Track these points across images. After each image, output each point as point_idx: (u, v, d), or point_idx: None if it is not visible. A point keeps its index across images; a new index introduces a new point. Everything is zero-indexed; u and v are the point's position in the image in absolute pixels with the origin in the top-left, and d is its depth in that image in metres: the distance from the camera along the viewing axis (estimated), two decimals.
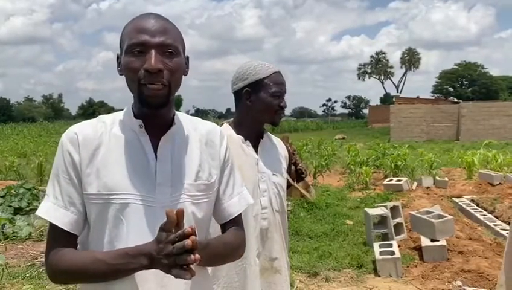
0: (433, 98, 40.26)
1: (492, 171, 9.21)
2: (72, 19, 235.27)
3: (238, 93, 1.79)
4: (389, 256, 4.41)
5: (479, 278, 4.10)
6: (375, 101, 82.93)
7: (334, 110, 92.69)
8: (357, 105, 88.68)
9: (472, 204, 7.33)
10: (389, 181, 8.72)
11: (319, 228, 6.16)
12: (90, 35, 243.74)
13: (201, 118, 1.37)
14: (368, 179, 9.23)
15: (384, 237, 5.23)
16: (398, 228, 5.40)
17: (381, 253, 4.48)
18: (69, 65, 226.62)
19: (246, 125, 1.79)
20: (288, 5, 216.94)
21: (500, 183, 8.46)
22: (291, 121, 54.31)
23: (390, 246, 4.64)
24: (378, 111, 43.72)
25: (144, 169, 1.15)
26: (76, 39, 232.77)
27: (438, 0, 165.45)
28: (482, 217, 6.46)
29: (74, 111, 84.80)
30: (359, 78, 63.94)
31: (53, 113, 75.85)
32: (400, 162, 10.27)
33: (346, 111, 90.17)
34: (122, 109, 1.25)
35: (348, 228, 6.20)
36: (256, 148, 1.78)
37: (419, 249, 4.79)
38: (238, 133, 1.77)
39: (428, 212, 5.11)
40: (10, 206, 6.71)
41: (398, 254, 4.45)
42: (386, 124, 30.12)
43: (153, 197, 1.13)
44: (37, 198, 7.34)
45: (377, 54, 63.40)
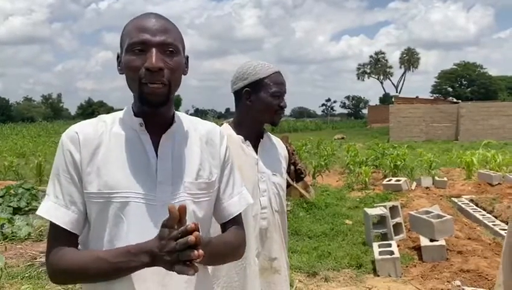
0: (432, 98, 40.32)
1: (491, 171, 9.22)
2: (71, 19, 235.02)
3: (238, 93, 1.79)
4: (388, 256, 4.41)
5: (478, 278, 4.10)
6: (375, 101, 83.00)
7: (334, 110, 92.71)
8: (356, 105, 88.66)
9: (471, 204, 7.34)
10: (388, 181, 8.73)
11: (318, 227, 6.16)
12: (90, 35, 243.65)
13: (201, 118, 1.37)
14: (367, 179, 9.23)
15: (384, 237, 5.24)
16: (397, 228, 5.41)
17: (380, 253, 4.48)
18: (68, 65, 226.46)
19: (245, 125, 1.78)
20: (287, 5, 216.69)
21: (499, 183, 8.47)
22: (290, 121, 54.34)
23: (390, 246, 4.64)
24: (378, 111, 43.74)
25: (145, 167, 1.15)
26: (75, 39, 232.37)
27: (437, 0, 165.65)
28: (481, 217, 6.47)
29: (73, 111, 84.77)
30: (358, 78, 64.14)
31: (52, 113, 75.77)
32: (399, 162, 10.28)
33: (346, 111, 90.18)
34: (121, 108, 1.25)
35: (347, 227, 6.21)
36: (256, 148, 1.78)
37: (418, 249, 4.79)
38: (238, 133, 1.77)
39: (427, 212, 5.12)
40: (9, 206, 6.71)
41: (397, 253, 4.45)
42: (385, 124, 30.15)
43: (153, 195, 1.13)
44: (36, 198, 7.34)
45: (376, 54, 63.56)
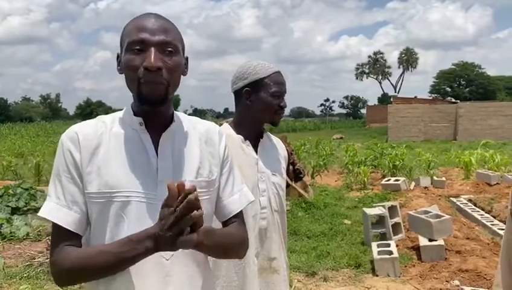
0: (431, 98, 40.36)
1: (490, 171, 9.23)
2: (69, 19, 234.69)
3: (238, 92, 1.79)
4: (387, 256, 4.41)
5: (477, 277, 4.11)
6: (373, 101, 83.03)
7: (332, 110, 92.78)
8: (354, 105, 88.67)
9: (469, 204, 7.35)
10: (387, 181, 8.73)
11: (317, 227, 6.16)
12: (88, 35, 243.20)
13: (200, 118, 1.37)
14: (366, 179, 9.24)
15: (382, 237, 5.24)
16: (396, 228, 5.41)
17: (379, 253, 4.48)
18: (66, 65, 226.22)
19: (245, 125, 1.78)
20: (286, 5, 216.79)
21: (497, 183, 8.47)
22: (289, 121, 54.38)
23: (388, 245, 4.65)
24: (376, 111, 43.75)
25: (145, 166, 1.15)
26: (73, 39, 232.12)
27: (436, 0, 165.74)
28: (479, 217, 6.48)
29: (72, 111, 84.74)
30: (357, 78, 64.14)
31: (51, 113, 75.70)
32: (398, 162, 10.28)
33: (344, 111, 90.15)
34: (120, 108, 1.25)
35: (346, 227, 6.21)
36: (256, 148, 1.78)
37: (417, 249, 4.80)
38: (237, 132, 1.77)
39: (426, 212, 5.12)
40: (8, 206, 6.69)
41: (396, 253, 4.46)
42: (384, 124, 30.18)
43: (154, 194, 1.13)
44: (34, 198, 7.32)
45: (374, 54, 63.62)
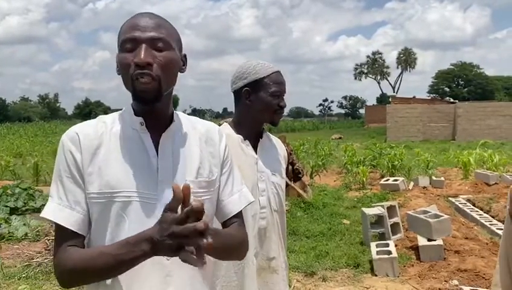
0: (429, 98, 40.42)
1: (488, 171, 9.24)
2: (68, 19, 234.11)
3: (237, 92, 1.78)
4: (386, 256, 4.41)
5: (476, 277, 4.12)
6: (372, 101, 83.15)
7: (331, 110, 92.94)
8: (353, 105, 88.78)
9: (468, 204, 7.36)
10: (385, 181, 8.74)
11: (315, 227, 6.16)
12: (87, 35, 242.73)
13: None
14: (365, 179, 9.24)
15: (381, 237, 5.24)
16: (395, 228, 5.41)
17: (378, 253, 4.48)
18: (65, 65, 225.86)
19: (245, 124, 1.78)
20: (284, 5, 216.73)
21: (496, 183, 8.48)
22: (288, 121, 54.43)
23: (387, 245, 4.65)
24: (375, 111, 43.79)
25: (146, 166, 1.14)
26: (72, 39, 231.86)
27: (434, 0, 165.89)
28: (478, 217, 6.49)
29: (70, 111, 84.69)
30: (355, 78, 64.20)
31: (49, 113, 75.63)
32: (397, 162, 10.29)
33: (343, 111, 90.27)
34: (119, 108, 1.25)
35: (345, 227, 6.21)
36: (255, 148, 1.78)
37: (416, 249, 4.80)
38: (237, 132, 1.76)
39: (424, 212, 5.13)
40: (6, 206, 6.69)
41: (395, 253, 4.46)
42: (383, 124, 30.20)
43: (154, 194, 1.13)
44: (33, 198, 7.32)
45: (373, 54, 63.69)
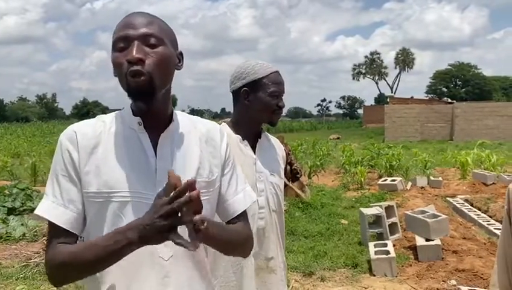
0: (427, 98, 40.44)
1: (486, 171, 9.25)
2: (65, 19, 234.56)
3: (236, 92, 1.78)
4: (384, 256, 4.42)
5: (473, 277, 4.12)
6: (370, 101, 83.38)
7: (329, 111, 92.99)
8: (351, 105, 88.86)
9: (466, 204, 7.37)
10: (383, 181, 8.74)
11: (314, 227, 6.17)
12: (84, 35, 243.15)
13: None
14: (363, 179, 9.25)
15: (379, 237, 5.25)
16: (393, 228, 5.42)
17: (376, 252, 4.49)
18: (62, 65, 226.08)
19: (243, 124, 1.78)
20: (282, 5, 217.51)
21: (493, 183, 8.50)
22: (286, 121, 54.40)
23: (385, 245, 4.66)
24: (373, 111, 43.85)
25: (144, 166, 1.14)
26: (70, 39, 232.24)
27: (432, 1, 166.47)
28: (475, 217, 6.50)
29: (68, 111, 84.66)
30: (354, 79, 64.13)
31: (47, 113, 75.51)
32: (395, 162, 10.31)
33: (341, 111, 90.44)
34: (117, 108, 1.25)
35: (343, 227, 6.22)
36: (254, 148, 1.78)
37: (414, 249, 4.81)
38: (236, 132, 1.76)
39: (422, 212, 5.13)
40: (4, 206, 6.67)
41: (393, 253, 4.47)
42: (381, 124, 30.22)
43: (152, 194, 1.11)
44: (30, 198, 7.30)
45: (371, 54, 63.58)
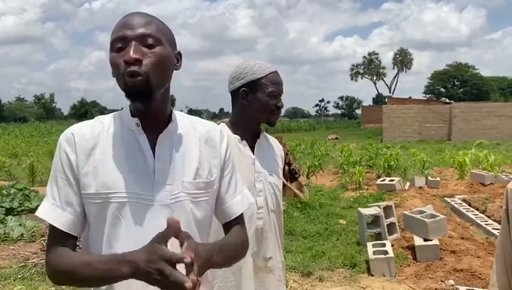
0: (425, 98, 40.56)
1: (484, 171, 9.28)
2: (64, 19, 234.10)
3: (234, 92, 1.78)
4: (382, 256, 4.42)
5: (471, 277, 4.13)
6: (368, 101, 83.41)
7: (327, 111, 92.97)
8: (349, 105, 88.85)
9: (464, 204, 7.39)
10: (381, 181, 8.76)
11: (312, 227, 6.17)
12: (82, 35, 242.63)
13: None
14: (361, 179, 9.26)
15: (378, 237, 5.25)
16: (391, 228, 5.43)
17: (374, 252, 4.49)
18: (60, 65, 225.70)
19: (242, 125, 1.78)
20: (281, 6, 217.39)
21: (491, 183, 8.52)
22: (284, 121, 54.40)
23: (384, 245, 4.66)
24: (371, 111, 43.91)
25: (142, 167, 1.14)
26: (68, 39, 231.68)
27: (430, 1, 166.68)
28: (473, 217, 6.51)
29: (66, 111, 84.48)
30: (352, 79, 64.29)
31: (45, 113, 75.36)
32: (393, 162, 10.32)
33: (339, 111, 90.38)
34: (115, 109, 1.24)
35: (342, 227, 6.22)
36: (252, 148, 1.77)
37: (412, 249, 4.82)
38: (234, 132, 1.76)
39: (421, 212, 5.14)
40: (1, 206, 6.65)
41: (391, 253, 4.47)
42: (379, 125, 30.25)
43: (151, 195, 1.13)
44: (28, 198, 7.28)
45: (369, 54, 63.76)
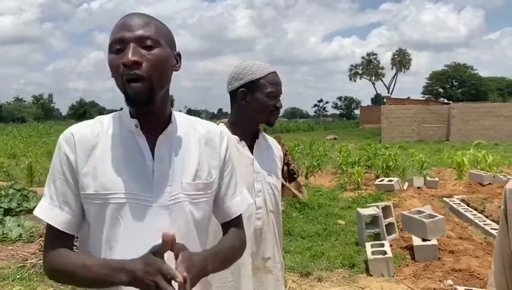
0: (424, 99, 40.61)
1: (482, 171, 9.30)
2: (62, 19, 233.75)
3: (233, 93, 1.78)
4: (381, 256, 4.43)
5: (470, 277, 4.14)
6: (366, 101, 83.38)
7: (326, 111, 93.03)
8: (348, 106, 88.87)
9: (462, 204, 7.40)
10: (380, 181, 8.77)
11: (311, 228, 6.17)
12: (81, 35, 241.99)
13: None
14: (360, 179, 9.27)
15: (376, 237, 5.26)
16: (390, 228, 5.43)
17: (373, 253, 4.50)
18: (59, 65, 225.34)
19: (241, 125, 1.78)
20: (279, 6, 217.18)
21: (489, 183, 8.54)
22: (283, 121, 54.41)
23: (382, 245, 4.67)
24: (370, 112, 43.95)
25: (141, 168, 1.14)
26: (66, 39, 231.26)
27: (428, 1, 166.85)
28: (472, 217, 6.52)
29: (65, 111, 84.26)
30: (350, 79, 64.27)
31: (43, 113, 75.20)
32: (391, 163, 10.34)
33: (338, 112, 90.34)
34: (114, 109, 1.24)
35: (340, 228, 6.23)
36: (251, 148, 1.77)
37: (410, 249, 4.82)
38: (233, 133, 1.76)
39: (419, 212, 5.15)
40: (0, 207, 6.64)
41: (389, 253, 4.47)
42: (377, 125, 30.30)
43: (150, 196, 1.13)
44: (27, 199, 7.27)
45: (368, 55, 63.77)
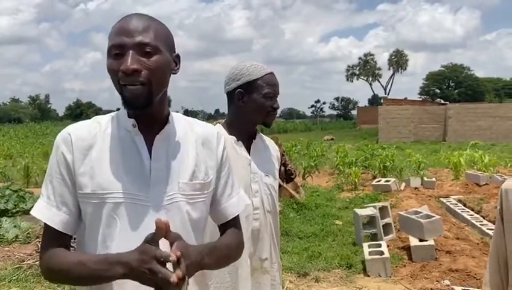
0: (420, 99, 40.75)
1: (479, 172, 9.32)
2: (59, 19, 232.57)
3: (230, 93, 1.78)
4: (378, 256, 4.44)
5: (467, 277, 4.15)
6: (364, 102, 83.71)
7: (323, 112, 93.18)
8: (345, 106, 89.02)
9: (459, 204, 7.42)
10: (377, 182, 8.79)
11: (308, 228, 6.18)
12: (78, 36, 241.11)
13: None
14: (357, 180, 9.28)
15: (373, 237, 5.27)
16: (387, 228, 5.44)
17: (370, 253, 4.51)
18: (56, 65, 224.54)
19: (238, 125, 1.78)
20: (276, 6, 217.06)
21: (486, 184, 8.56)
22: (280, 122, 54.44)
23: (379, 246, 4.67)
24: (367, 112, 44.04)
25: (138, 168, 1.14)
26: (63, 39, 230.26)
27: (425, 2, 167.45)
28: (469, 217, 6.54)
29: (61, 112, 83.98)
30: (347, 80, 64.36)
31: (40, 114, 74.93)
32: (388, 163, 10.36)
33: (335, 112, 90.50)
34: (110, 109, 1.24)
35: (337, 228, 6.23)
36: (248, 149, 1.78)
37: (407, 249, 4.83)
38: (230, 133, 1.76)
39: (416, 213, 5.16)
40: None
41: (387, 253, 4.48)
42: (374, 125, 30.33)
43: (147, 196, 1.13)
44: (23, 200, 7.24)
45: (365, 55, 63.85)
